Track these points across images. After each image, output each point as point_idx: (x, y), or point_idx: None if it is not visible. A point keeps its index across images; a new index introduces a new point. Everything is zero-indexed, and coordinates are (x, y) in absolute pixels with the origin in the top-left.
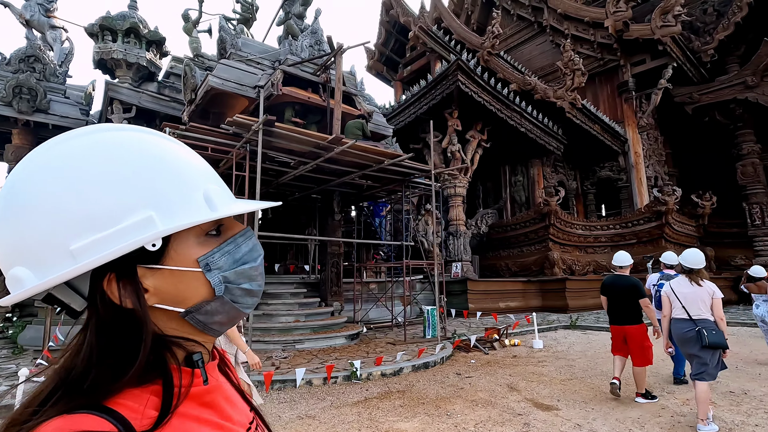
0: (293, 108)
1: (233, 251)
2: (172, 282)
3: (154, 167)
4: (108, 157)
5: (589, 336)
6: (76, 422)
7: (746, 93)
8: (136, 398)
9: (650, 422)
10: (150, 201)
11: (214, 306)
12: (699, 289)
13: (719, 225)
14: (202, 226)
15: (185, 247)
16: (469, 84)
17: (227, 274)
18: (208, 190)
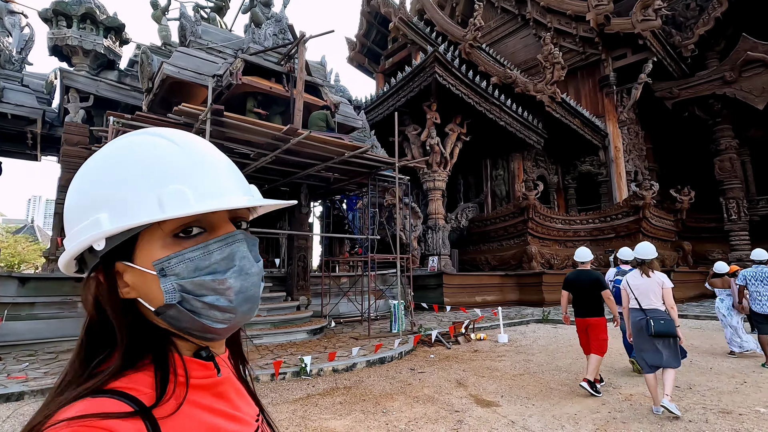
0: (255, 98)
1: (199, 258)
2: (140, 280)
3: (119, 171)
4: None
5: (558, 330)
6: (98, 405)
7: (724, 88)
8: (141, 381)
9: (585, 418)
10: (105, 203)
11: (174, 313)
12: (649, 280)
13: (697, 219)
14: (163, 228)
15: (148, 248)
16: (446, 76)
17: (184, 283)
18: (168, 192)
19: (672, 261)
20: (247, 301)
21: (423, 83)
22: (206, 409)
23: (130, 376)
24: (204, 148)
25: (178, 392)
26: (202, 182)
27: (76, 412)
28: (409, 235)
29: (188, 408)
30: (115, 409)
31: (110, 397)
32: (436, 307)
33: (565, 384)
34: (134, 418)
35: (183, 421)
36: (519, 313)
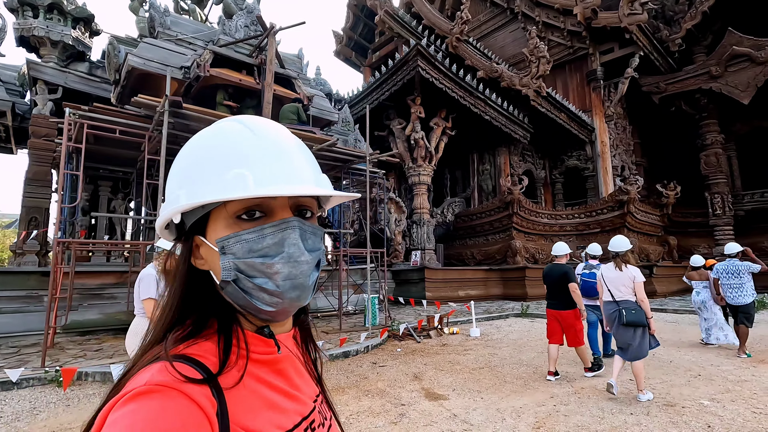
0: (226, 91)
1: (253, 240)
2: (209, 255)
3: (197, 153)
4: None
5: (534, 324)
6: (172, 370)
7: (710, 83)
8: (210, 350)
9: (529, 411)
10: (183, 182)
11: (230, 290)
12: (622, 273)
13: (684, 214)
14: (228, 209)
15: (215, 226)
16: (429, 70)
17: (239, 263)
18: (234, 175)
19: (657, 255)
20: (295, 289)
21: (406, 77)
22: (265, 384)
23: (200, 343)
24: (278, 135)
25: (239, 363)
26: (266, 168)
27: (152, 375)
28: (393, 229)
29: (249, 381)
30: (189, 374)
31: (182, 361)
32: (412, 302)
33: (520, 378)
34: (203, 384)
35: (243, 392)
36: (500, 308)
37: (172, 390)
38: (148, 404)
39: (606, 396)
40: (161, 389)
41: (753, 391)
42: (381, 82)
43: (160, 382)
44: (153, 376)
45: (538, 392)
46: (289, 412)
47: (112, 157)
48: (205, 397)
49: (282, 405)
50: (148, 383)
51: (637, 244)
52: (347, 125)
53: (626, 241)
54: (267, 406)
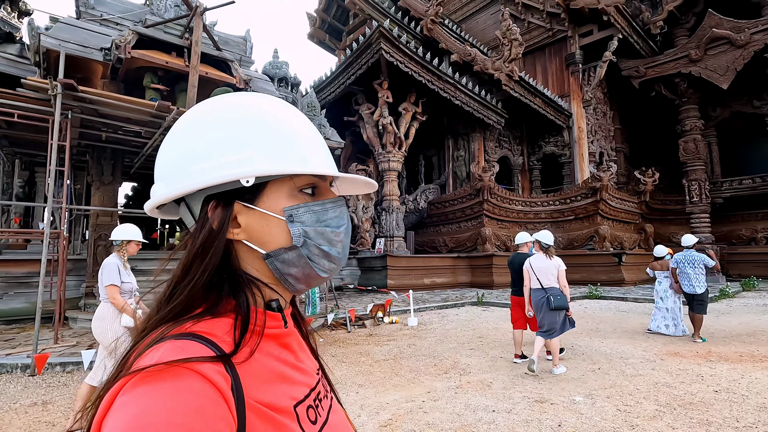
0: (155, 74)
1: (320, 212)
2: (260, 224)
3: (265, 121)
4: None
5: (485, 313)
6: (183, 348)
7: (690, 67)
8: (219, 327)
9: (391, 408)
10: (254, 145)
11: (291, 256)
12: (550, 262)
13: (663, 201)
14: (295, 182)
15: (277, 196)
16: (394, 53)
17: (308, 230)
18: (308, 152)
19: (632, 243)
20: (345, 258)
21: (370, 60)
22: (274, 357)
23: (208, 321)
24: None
25: (252, 340)
26: (322, 150)
27: (162, 353)
28: (360, 216)
29: (259, 355)
30: (201, 353)
31: (191, 339)
32: (362, 288)
33: (415, 371)
34: (216, 362)
35: (255, 366)
36: (461, 296)
37: (185, 369)
38: (160, 386)
39: (486, 392)
40: (173, 369)
41: (637, 387)
42: (346, 66)
43: (171, 362)
44: (163, 355)
45: (420, 386)
46: (299, 384)
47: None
48: (219, 374)
49: (292, 377)
50: (159, 363)
51: (609, 231)
52: (313, 110)
53: (551, 236)
54: (278, 379)
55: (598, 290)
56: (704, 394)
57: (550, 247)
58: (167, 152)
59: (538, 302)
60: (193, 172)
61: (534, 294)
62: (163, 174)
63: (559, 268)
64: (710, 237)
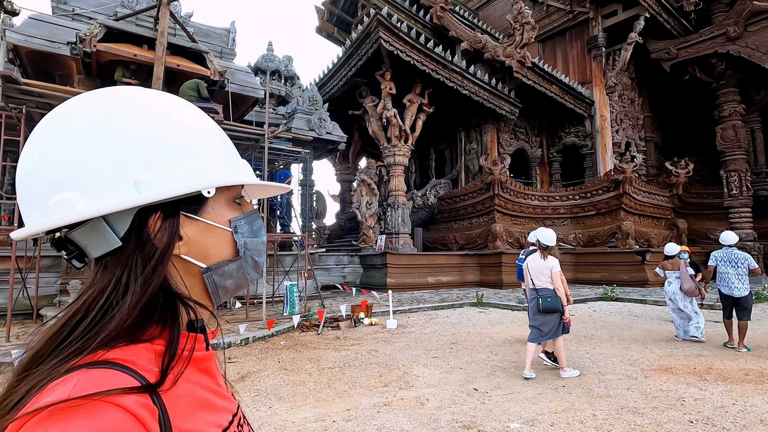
0: (127, 68)
1: (251, 223)
2: (204, 236)
3: (214, 129)
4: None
5: (480, 315)
6: (102, 378)
7: (728, 46)
8: (141, 354)
9: (289, 429)
10: (206, 154)
11: (231, 268)
12: (543, 263)
13: (699, 195)
14: (232, 192)
15: (220, 207)
16: (394, 42)
17: (247, 241)
18: (241, 162)
19: (661, 240)
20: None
21: (370, 50)
22: (196, 383)
23: (125, 347)
24: None
25: (176, 367)
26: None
27: (75, 385)
28: (364, 213)
29: (182, 382)
30: (122, 384)
31: (108, 367)
32: (346, 288)
33: (353, 382)
34: (142, 393)
35: (180, 393)
36: (465, 296)
37: (104, 403)
38: (75, 424)
39: (413, 411)
40: (89, 403)
41: (596, 411)
42: (347, 58)
43: (88, 395)
44: (78, 388)
45: (345, 402)
46: (222, 410)
47: None
48: (144, 408)
49: (214, 403)
50: (72, 396)
51: (632, 227)
52: (314, 104)
53: (552, 235)
54: (203, 406)
55: (614, 291)
56: (674, 425)
57: (550, 248)
58: (76, 153)
59: (530, 302)
60: (141, 183)
61: (530, 294)
62: (73, 182)
63: (552, 269)
64: (752, 234)
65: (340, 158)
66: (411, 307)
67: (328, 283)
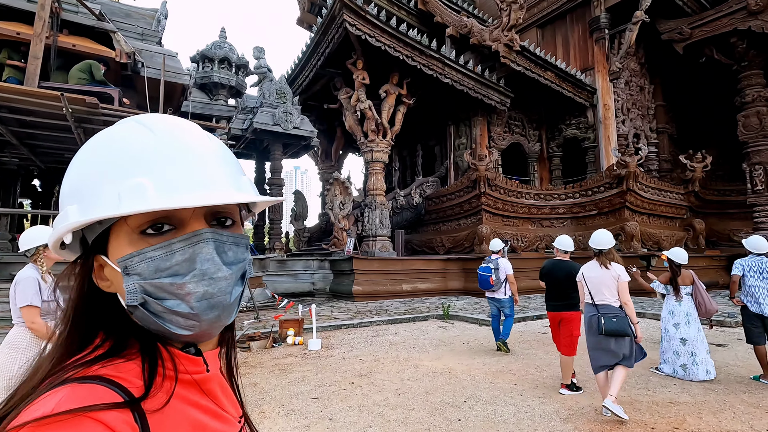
0: (15, 50)
1: (160, 258)
2: (113, 276)
3: (91, 161)
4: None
5: (438, 331)
6: (85, 394)
7: (749, 21)
8: (128, 370)
9: None
10: (76, 194)
11: (139, 314)
12: (605, 272)
13: (721, 192)
14: (129, 223)
15: (117, 243)
16: (361, 25)
17: (145, 284)
18: (130, 185)
19: (674, 242)
20: (213, 309)
21: (336, 36)
22: (194, 405)
23: (117, 365)
24: (184, 135)
25: (167, 386)
26: (170, 174)
27: (59, 400)
28: (336, 213)
29: (176, 403)
30: (105, 398)
31: (97, 383)
32: (279, 299)
33: None
34: (123, 409)
35: (170, 415)
36: (438, 306)
37: (85, 418)
38: None
39: None
40: (72, 418)
41: None
42: (315, 45)
43: (70, 409)
44: (61, 402)
45: None
46: None
47: None
48: (125, 424)
49: (209, 426)
50: (55, 411)
51: (638, 228)
52: (282, 97)
53: (609, 236)
54: (193, 428)
55: None
56: None
57: (605, 252)
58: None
59: (589, 321)
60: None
61: (585, 310)
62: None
63: (619, 279)
64: None
65: (323, 156)
66: (361, 321)
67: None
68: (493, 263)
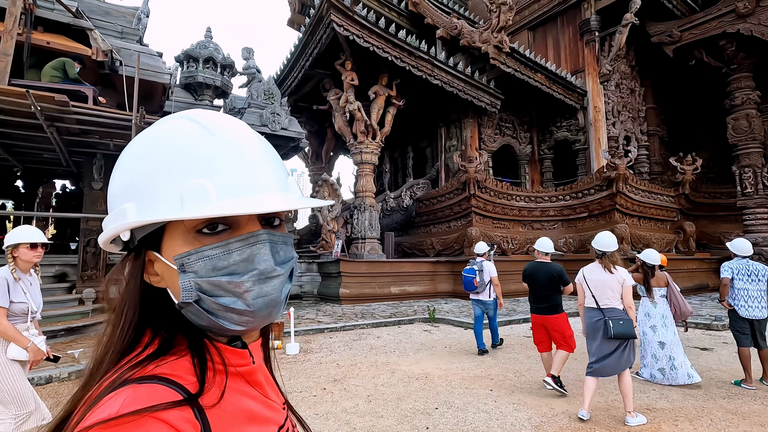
0: None
1: (217, 257)
2: (165, 272)
3: (150, 160)
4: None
5: (422, 334)
6: (147, 394)
7: (738, 24)
8: (181, 367)
9: None
10: (134, 192)
11: (192, 310)
12: (609, 276)
13: (712, 194)
14: (185, 223)
15: (172, 242)
16: (349, 26)
17: (201, 282)
18: (191, 187)
19: (665, 245)
20: (267, 306)
21: (324, 36)
22: (245, 395)
23: (170, 363)
24: (239, 133)
25: (218, 380)
26: (229, 176)
27: (123, 402)
28: (325, 215)
29: (229, 396)
30: (166, 398)
31: (156, 382)
32: None
33: None
34: (184, 407)
35: (226, 408)
36: (426, 309)
37: (150, 418)
38: None
39: None
40: (138, 419)
41: None
42: (303, 46)
43: (135, 411)
44: (126, 404)
45: None
46: (269, 422)
47: None
48: (187, 422)
49: (262, 415)
50: (121, 412)
51: (628, 230)
52: (270, 98)
53: (613, 238)
54: (248, 419)
55: None
56: None
57: (608, 254)
58: None
59: (593, 325)
60: (104, 227)
61: (588, 314)
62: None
63: (624, 283)
64: None
65: (313, 157)
66: (345, 324)
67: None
68: (478, 265)
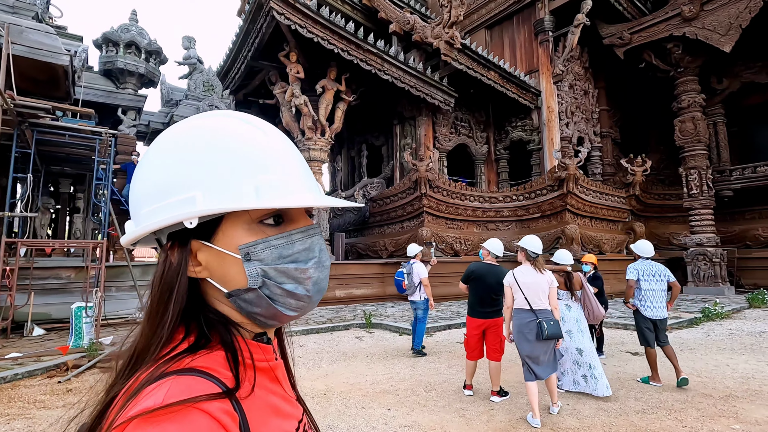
0: None
1: (283, 246)
2: (218, 262)
3: (215, 153)
4: (186, 140)
5: (351, 342)
6: (189, 386)
7: (683, 28)
8: (216, 362)
9: None
10: (200, 183)
11: (251, 297)
12: (541, 277)
13: (661, 196)
14: (251, 214)
15: (233, 232)
16: (290, 14)
17: (267, 269)
18: (263, 181)
19: (615, 247)
20: (320, 292)
21: (264, 25)
22: (269, 391)
23: (204, 356)
24: (281, 135)
25: (248, 374)
26: (290, 174)
27: (167, 392)
28: None
29: (258, 390)
30: (207, 390)
31: (196, 375)
32: None
33: None
34: (223, 399)
35: (255, 402)
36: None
37: (193, 409)
38: (169, 428)
39: None
40: (180, 410)
41: None
42: (244, 35)
43: (178, 401)
44: (169, 394)
45: None
46: (290, 416)
47: None
48: (226, 414)
49: (284, 410)
50: (165, 402)
51: (578, 231)
52: (210, 89)
53: (539, 242)
54: (274, 413)
55: None
56: None
57: (540, 257)
58: (132, 191)
59: (525, 326)
60: (141, 216)
61: (519, 316)
62: (131, 212)
63: (551, 285)
64: (714, 238)
65: None
66: (315, 327)
67: None
68: (407, 268)
